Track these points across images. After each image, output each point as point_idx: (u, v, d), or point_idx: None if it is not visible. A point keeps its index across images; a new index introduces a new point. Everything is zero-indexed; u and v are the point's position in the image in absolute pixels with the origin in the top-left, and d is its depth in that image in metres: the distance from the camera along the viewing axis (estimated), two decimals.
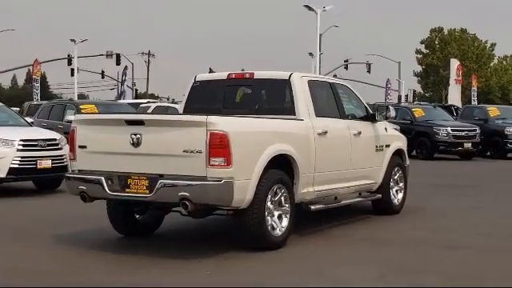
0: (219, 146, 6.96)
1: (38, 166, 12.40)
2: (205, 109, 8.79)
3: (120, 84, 39.93)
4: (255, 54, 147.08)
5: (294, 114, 8.43)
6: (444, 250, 7.82)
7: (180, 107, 9.38)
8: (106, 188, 7.44)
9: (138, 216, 8.46)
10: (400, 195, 10.59)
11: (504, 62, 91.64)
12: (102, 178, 7.45)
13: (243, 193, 7.17)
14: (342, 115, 9.26)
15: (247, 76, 8.92)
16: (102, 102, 19.10)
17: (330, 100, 9.14)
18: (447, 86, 78.56)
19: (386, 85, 59.31)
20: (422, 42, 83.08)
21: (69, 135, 7.92)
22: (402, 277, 6.54)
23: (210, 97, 9.16)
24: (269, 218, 7.59)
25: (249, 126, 7.50)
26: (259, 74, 8.90)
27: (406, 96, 65.62)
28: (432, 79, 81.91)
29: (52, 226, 9.23)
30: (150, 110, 19.00)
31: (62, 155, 12.79)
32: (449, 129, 23.24)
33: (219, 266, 6.91)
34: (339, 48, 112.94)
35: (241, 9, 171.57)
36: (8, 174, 12.19)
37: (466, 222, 9.86)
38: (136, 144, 7.28)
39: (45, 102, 21.70)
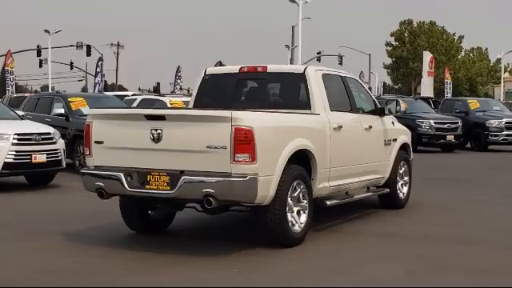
0: (244, 142, 6.83)
1: (33, 161, 12.14)
2: (215, 103, 8.67)
3: (95, 75, 39.39)
4: (230, 46, 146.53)
5: (310, 109, 8.33)
6: (461, 245, 7.79)
7: (190, 101, 9.20)
8: (126, 184, 7.27)
9: (150, 212, 8.31)
10: (405, 189, 10.58)
11: (471, 55, 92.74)
12: (121, 175, 7.28)
13: (266, 189, 7.06)
14: (354, 109, 9.19)
15: (260, 70, 8.78)
16: (91, 94, 18.76)
17: (342, 94, 9.06)
18: (416, 78, 79.53)
19: (360, 77, 59.44)
20: (391, 35, 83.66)
21: (84, 130, 7.70)
22: (431, 273, 6.47)
23: (220, 91, 9.02)
24: (289, 214, 7.49)
25: (272, 120, 7.37)
26: (272, 68, 8.78)
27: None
28: (402, 71, 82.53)
29: (58, 223, 9.03)
30: (135, 104, 18.72)
31: (56, 149, 12.56)
32: (431, 121, 23.36)
33: (245, 264, 6.77)
34: (312, 40, 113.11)
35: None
36: (3, 168, 11.90)
37: (474, 216, 9.86)
38: (156, 139, 7.12)
39: (31, 94, 21.27)
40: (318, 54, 61.60)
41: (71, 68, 70.09)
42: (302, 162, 7.74)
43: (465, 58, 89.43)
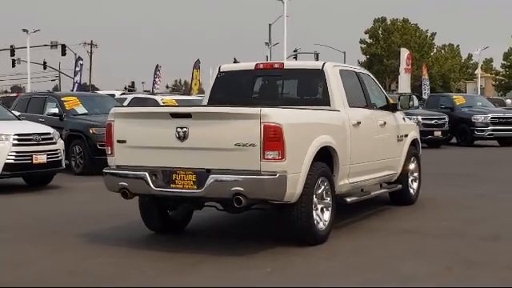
0: (273, 139, 6.73)
1: (34, 161, 11.93)
2: (231, 100, 8.56)
3: (74, 75, 38.96)
4: (207, 45, 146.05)
5: (329, 105, 8.26)
6: (486, 241, 7.72)
7: (204, 98, 9.08)
8: (151, 184, 7.13)
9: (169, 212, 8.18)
10: (415, 185, 10.57)
11: (442, 51, 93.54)
12: (146, 174, 7.14)
13: (294, 186, 6.97)
14: (369, 105, 9.15)
15: (276, 66, 8.70)
16: (85, 93, 18.47)
17: (358, 90, 9.00)
18: (391, 75, 79.98)
19: None
20: (366, 32, 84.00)
21: (105, 129, 7.54)
22: (469, 270, 6.41)
23: (236, 87, 8.91)
24: (314, 211, 7.42)
25: (298, 117, 7.28)
26: (289, 64, 8.73)
27: None
28: (376, 68, 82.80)
29: (68, 224, 8.92)
30: (126, 102, 18.49)
31: (56, 149, 12.36)
32: (419, 117, 23.46)
33: (275, 263, 6.66)
34: (288, 38, 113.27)
35: None
36: (3, 170, 11.66)
37: (487, 212, 9.84)
38: (182, 138, 6.99)
39: (19, 94, 20.88)
40: (294, 51, 61.67)
41: (44, 68, 69.30)
42: (324, 159, 7.67)
43: (437, 55, 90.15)
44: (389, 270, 6.44)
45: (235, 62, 33.17)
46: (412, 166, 10.42)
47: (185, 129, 6.97)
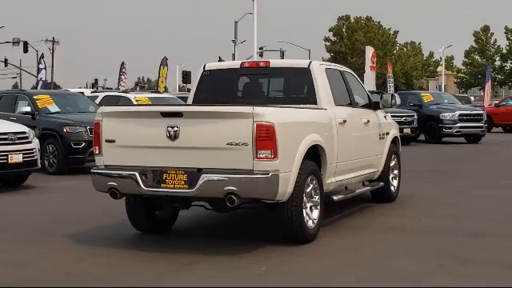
0: (266, 138, 6.72)
1: (9, 161, 11.70)
2: (216, 99, 8.55)
3: (37, 72, 38.40)
4: (172, 42, 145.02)
5: (316, 103, 8.28)
6: (472, 237, 7.83)
7: (189, 97, 9.02)
8: (141, 183, 7.06)
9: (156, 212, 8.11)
10: (395, 182, 10.66)
11: (405, 49, 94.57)
12: (136, 174, 7.07)
13: (286, 185, 6.97)
14: (353, 103, 9.20)
15: (262, 65, 8.68)
16: (57, 92, 18.16)
17: (342, 88, 9.04)
18: (355, 73, 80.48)
19: None
20: (330, 30, 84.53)
21: (93, 129, 7.44)
22: (462, 266, 6.47)
23: (221, 86, 8.88)
24: (303, 210, 7.43)
25: (289, 116, 7.28)
26: (275, 63, 8.71)
27: None
28: None
29: (52, 225, 8.83)
30: (97, 101, 18.27)
31: (32, 149, 12.15)
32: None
33: (268, 262, 6.64)
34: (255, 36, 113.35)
35: None
36: None
37: (467, 208, 9.99)
38: (173, 137, 6.94)
39: None
40: (260, 49, 61.55)
41: (6, 65, 68.19)
42: (312, 158, 7.68)
43: (400, 53, 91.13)
44: (382, 268, 6.47)
45: (220, 60, 33.08)
46: (392, 164, 10.50)
47: (176, 128, 6.92)
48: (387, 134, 10.23)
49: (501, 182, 13.22)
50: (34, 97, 15.59)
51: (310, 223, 7.54)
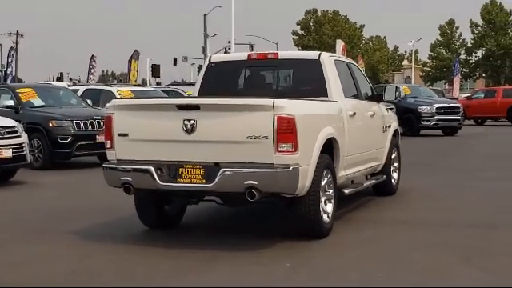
0: (287, 131, 6.57)
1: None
2: (223, 91, 8.37)
3: (7, 66, 37.66)
4: (142, 36, 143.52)
5: (326, 96, 8.16)
6: (484, 229, 7.79)
7: (194, 89, 8.83)
8: (157, 178, 6.86)
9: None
10: (395, 175, 10.60)
11: (370, 43, 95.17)
12: (152, 168, 6.87)
13: (305, 179, 6.84)
14: (360, 96, 9.11)
15: (270, 56, 8.53)
16: (40, 85, 17.70)
17: (349, 80, 8.94)
18: None
19: None
20: (297, 24, 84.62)
21: (105, 122, 7.22)
22: (486, 260, 6.41)
23: (228, 79, 8.71)
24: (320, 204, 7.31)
25: (307, 108, 7.14)
26: (284, 55, 8.57)
27: None
28: None
29: (52, 221, 8.58)
30: (79, 94, 17.87)
31: (21, 143, 11.83)
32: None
33: (291, 258, 6.48)
34: (224, 29, 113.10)
35: None
36: None
37: (468, 201, 9.97)
38: (190, 130, 6.75)
39: None
40: (229, 42, 61.30)
41: None
42: (325, 151, 7.57)
43: (366, 47, 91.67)
44: (412, 261, 6.33)
45: (226, 52, 32.65)
46: (393, 157, 10.45)
47: (192, 121, 6.74)
48: (389, 126, 10.17)
49: (489, 173, 13.29)
50: (17, 90, 15.20)
51: (325, 217, 7.42)
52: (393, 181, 10.44)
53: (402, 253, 6.71)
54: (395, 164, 10.59)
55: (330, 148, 7.67)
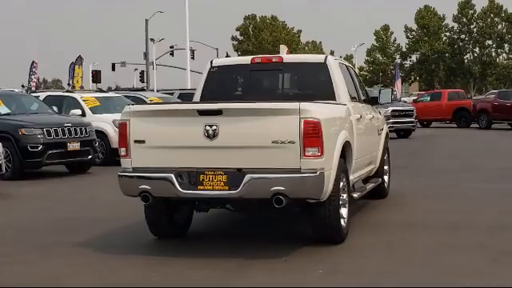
0: (313, 135, 6.46)
1: None
2: (227, 96, 8.21)
3: None
4: (79, 41, 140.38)
5: (334, 99, 8.07)
6: (500, 230, 7.83)
7: (195, 95, 8.59)
8: (177, 186, 6.63)
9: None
10: (386, 178, 10.60)
11: (306, 48, 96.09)
12: (172, 175, 6.63)
13: (328, 184, 6.74)
14: (359, 99, 9.07)
15: (275, 60, 8.39)
16: (5, 92, 16.92)
17: (351, 83, 8.88)
18: None
19: None
20: (237, 29, 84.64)
21: (119, 129, 6.94)
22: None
23: (231, 83, 8.55)
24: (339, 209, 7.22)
25: (328, 112, 7.04)
26: (289, 58, 8.47)
27: None
28: None
29: (49, 234, 8.21)
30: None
31: None
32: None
33: (318, 264, 6.38)
34: (166, 34, 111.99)
35: None
36: None
37: (466, 202, 10.04)
38: (212, 136, 6.56)
39: None
40: (170, 47, 60.92)
41: None
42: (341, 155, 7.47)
43: (303, 52, 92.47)
44: (440, 265, 6.29)
45: (227, 56, 32.09)
46: (384, 160, 10.45)
47: (214, 126, 6.54)
48: (382, 129, 10.18)
49: (468, 174, 13.56)
50: None
51: (342, 222, 7.34)
52: (385, 184, 10.43)
53: (433, 256, 6.65)
54: (385, 167, 10.59)
55: (342, 152, 7.59)
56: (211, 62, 8.56)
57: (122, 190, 6.97)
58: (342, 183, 7.32)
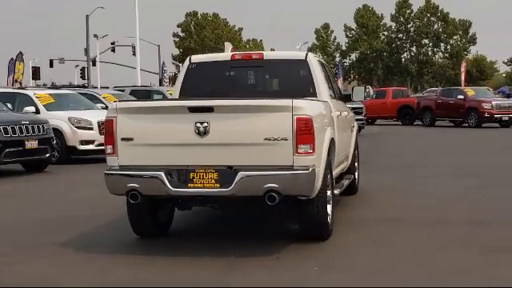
0: (306, 132, 6.45)
1: None
2: (206, 93, 8.13)
3: None
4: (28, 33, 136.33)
5: (315, 96, 8.07)
6: (477, 225, 7.91)
7: (174, 91, 8.46)
8: (168, 184, 6.51)
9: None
10: (356, 174, 10.68)
11: (247, 46, 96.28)
12: (162, 173, 6.51)
13: (318, 180, 6.75)
14: (335, 96, 9.10)
15: (255, 57, 8.35)
16: None
17: (328, 81, 8.90)
18: None
19: (162, 68, 58.82)
20: (178, 26, 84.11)
21: (105, 126, 6.77)
22: (501, 254, 6.56)
23: (210, 80, 8.43)
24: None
25: (317, 109, 7.04)
26: (269, 55, 8.42)
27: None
28: None
29: (35, 234, 7.94)
30: None
31: None
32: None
33: (312, 260, 6.38)
34: (107, 31, 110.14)
35: None
36: None
37: (438, 197, 10.16)
38: (202, 133, 6.47)
39: None
40: (112, 44, 60.09)
41: None
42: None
43: (244, 50, 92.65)
44: (433, 260, 6.33)
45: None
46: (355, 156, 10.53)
47: (205, 123, 6.46)
48: (353, 126, 10.25)
49: (431, 170, 13.86)
50: None
51: (328, 219, 7.35)
52: (355, 180, 10.51)
53: (421, 252, 6.70)
54: (355, 164, 10.67)
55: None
56: (190, 59, 8.46)
57: (108, 188, 6.81)
58: (328, 180, 7.35)
